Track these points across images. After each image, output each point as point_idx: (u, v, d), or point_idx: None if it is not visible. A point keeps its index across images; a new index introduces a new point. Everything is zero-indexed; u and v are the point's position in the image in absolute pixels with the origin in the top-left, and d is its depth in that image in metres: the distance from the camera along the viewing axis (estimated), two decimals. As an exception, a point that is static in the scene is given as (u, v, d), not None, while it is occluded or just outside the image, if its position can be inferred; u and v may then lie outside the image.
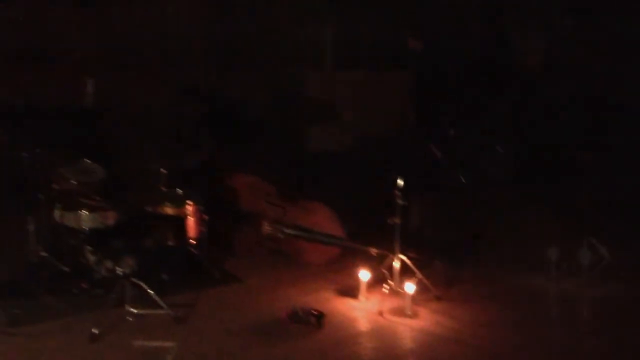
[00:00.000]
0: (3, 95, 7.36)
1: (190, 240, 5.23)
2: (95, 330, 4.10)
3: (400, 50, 8.06)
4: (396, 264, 4.82)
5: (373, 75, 8.87)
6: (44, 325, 4.27)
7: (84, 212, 4.77)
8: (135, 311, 4.29)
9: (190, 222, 5.22)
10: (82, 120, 5.91)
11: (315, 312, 4.44)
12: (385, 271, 4.86)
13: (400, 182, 4.77)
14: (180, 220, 5.18)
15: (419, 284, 4.77)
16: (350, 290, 4.93)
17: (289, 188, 5.91)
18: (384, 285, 4.79)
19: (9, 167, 5.47)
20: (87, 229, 4.76)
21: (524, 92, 8.36)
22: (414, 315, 4.56)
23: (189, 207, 5.22)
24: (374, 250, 5.28)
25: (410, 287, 4.60)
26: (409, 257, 4.87)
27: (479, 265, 5.65)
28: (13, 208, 5.60)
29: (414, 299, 4.63)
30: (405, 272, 4.84)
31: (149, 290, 4.41)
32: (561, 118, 8.14)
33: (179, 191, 5.37)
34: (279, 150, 7.47)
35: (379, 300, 4.71)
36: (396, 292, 4.77)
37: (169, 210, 5.20)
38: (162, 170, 5.32)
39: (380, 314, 4.59)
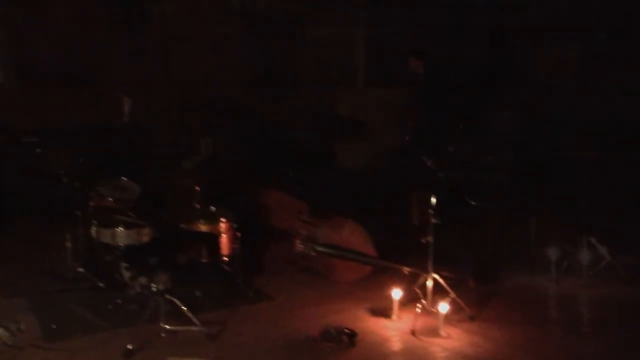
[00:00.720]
0: (43, 116, 7.59)
1: (223, 257, 5.26)
2: (129, 346, 4.14)
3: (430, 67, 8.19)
4: (429, 283, 4.78)
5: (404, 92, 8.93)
6: (79, 340, 4.33)
7: (120, 229, 4.85)
8: (168, 327, 4.33)
9: (224, 239, 5.26)
10: (118, 139, 6.03)
11: (348, 331, 4.41)
12: (418, 290, 4.82)
13: (433, 200, 4.74)
14: (214, 238, 5.22)
15: (453, 303, 4.71)
16: (383, 309, 4.90)
17: (321, 205, 5.92)
18: (417, 304, 4.75)
19: (47, 185, 5.61)
20: (123, 245, 4.83)
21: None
22: (447, 336, 4.50)
23: (222, 225, 5.27)
24: (406, 269, 5.25)
25: (443, 306, 4.55)
26: (442, 276, 4.82)
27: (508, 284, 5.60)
28: (51, 224, 5.73)
29: (447, 318, 4.59)
30: (439, 291, 4.80)
31: (182, 307, 4.45)
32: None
33: (213, 208, 5.43)
34: (311, 167, 7.50)
35: (411, 320, 4.67)
36: (429, 312, 4.72)
37: (203, 227, 5.25)
38: (195, 187, 5.39)
39: (413, 333, 4.55)
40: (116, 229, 4.85)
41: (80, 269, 5.16)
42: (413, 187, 6.10)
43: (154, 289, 4.40)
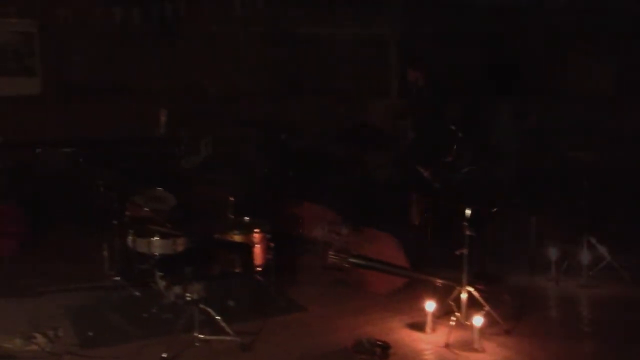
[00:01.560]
0: (81, 127, 7.75)
1: (257, 268, 5.29)
2: (164, 355, 4.19)
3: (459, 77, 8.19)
4: (463, 296, 4.73)
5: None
6: (115, 348, 4.39)
7: (156, 239, 4.91)
8: (202, 337, 4.36)
9: (257, 249, 5.28)
10: (155, 150, 6.12)
11: (381, 343, 4.40)
12: (452, 303, 4.77)
13: (468, 212, 4.70)
14: (248, 248, 5.25)
15: (487, 316, 4.66)
16: (416, 322, 4.87)
17: (354, 217, 5.91)
18: (451, 317, 4.71)
19: (86, 195, 5.71)
20: (158, 254, 4.89)
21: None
22: (482, 350, 4.45)
23: (256, 235, 5.30)
24: (439, 281, 5.21)
25: (478, 320, 4.50)
26: (476, 289, 4.77)
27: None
28: (89, 233, 5.83)
29: (482, 332, 4.53)
30: (473, 304, 4.75)
31: (216, 317, 4.48)
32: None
33: (247, 219, 5.47)
34: (344, 179, 7.50)
35: (445, 333, 4.63)
36: (463, 325, 4.67)
37: (237, 237, 5.29)
38: (229, 198, 5.44)
39: (447, 346, 4.51)
40: (152, 238, 4.91)
41: (117, 278, 5.23)
42: (413, 187, 6.10)
43: (188, 299, 4.44)
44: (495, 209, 5.31)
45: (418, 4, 9.07)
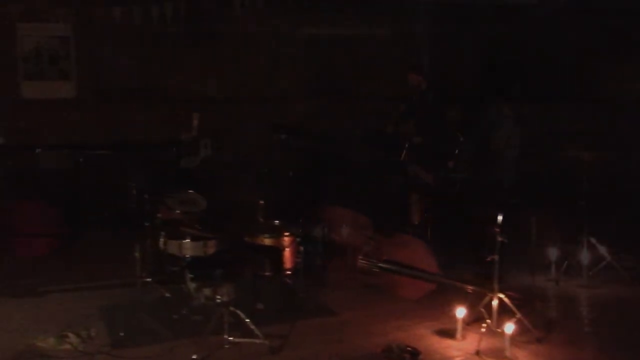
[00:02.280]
0: (115, 130, 7.87)
1: (286, 271, 5.30)
2: (194, 357, 4.22)
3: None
4: (495, 303, 4.67)
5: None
6: (146, 349, 4.43)
7: (187, 241, 4.95)
8: (232, 339, 4.38)
9: (287, 253, 5.29)
10: (187, 153, 6.19)
11: (410, 349, 4.37)
12: (483, 310, 4.72)
13: (499, 218, 4.65)
14: (277, 251, 5.27)
15: (519, 324, 4.60)
16: (446, 328, 4.82)
17: (384, 222, 5.88)
18: (482, 324, 4.65)
19: (118, 197, 5.79)
20: (189, 257, 4.92)
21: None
22: (513, 358, 4.38)
23: (286, 239, 5.31)
24: (470, 288, 5.15)
25: (509, 327, 4.44)
26: (508, 296, 4.71)
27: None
28: (121, 235, 5.91)
29: (513, 340, 4.46)
30: (504, 311, 4.69)
31: (245, 319, 4.50)
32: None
33: (277, 222, 5.49)
34: (374, 183, 7.48)
35: (476, 340, 4.57)
36: (494, 332, 4.62)
37: (267, 241, 5.31)
38: (260, 201, 5.46)
39: (478, 354, 4.45)
40: (183, 240, 4.95)
41: (148, 279, 5.29)
42: (412, 187, 6.06)
43: (218, 301, 4.47)
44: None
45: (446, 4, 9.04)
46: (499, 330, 4.58)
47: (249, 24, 8.49)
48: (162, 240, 5.08)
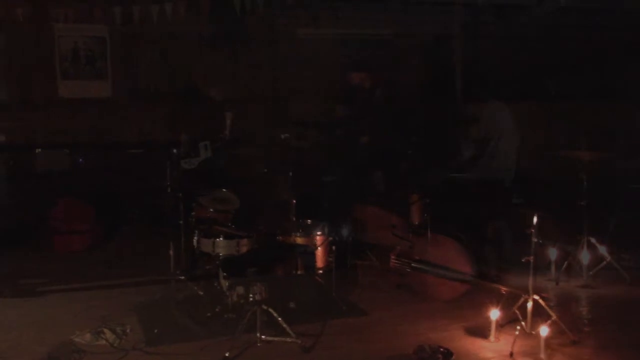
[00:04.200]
0: (149, 129, 7.96)
1: (319, 270, 5.31)
2: (227, 354, 4.25)
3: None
4: (529, 304, 4.62)
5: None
6: (179, 346, 4.48)
7: (220, 239, 4.99)
8: (264, 337, 4.41)
9: (319, 252, 5.30)
10: (221, 152, 6.24)
11: (443, 350, 4.33)
12: (517, 311, 4.67)
13: (535, 219, 4.59)
14: (309, 250, 5.28)
15: (554, 326, 4.53)
16: (480, 329, 4.78)
17: (417, 221, 5.84)
18: (516, 325, 4.60)
19: (153, 195, 5.87)
20: (222, 255, 4.96)
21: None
22: (548, 360, 4.34)
23: (318, 238, 5.32)
24: (504, 289, 5.10)
25: (544, 329, 4.38)
26: (543, 298, 4.65)
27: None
28: (156, 233, 5.99)
29: (548, 342, 4.40)
30: (539, 313, 4.62)
31: (278, 318, 4.52)
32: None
33: (309, 221, 5.50)
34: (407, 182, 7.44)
35: (509, 342, 4.51)
36: (529, 334, 4.56)
37: (299, 240, 5.32)
38: (292, 201, 5.48)
39: (512, 356, 4.40)
40: (216, 239, 4.99)
41: (182, 277, 5.35)
42: (413, 188, 5.99)
43: (250, 299, 4.50)
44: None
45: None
46: (533, 332, 4.53)
47: (285, 26, 8.54)
48: (196, 238, 5.13)
